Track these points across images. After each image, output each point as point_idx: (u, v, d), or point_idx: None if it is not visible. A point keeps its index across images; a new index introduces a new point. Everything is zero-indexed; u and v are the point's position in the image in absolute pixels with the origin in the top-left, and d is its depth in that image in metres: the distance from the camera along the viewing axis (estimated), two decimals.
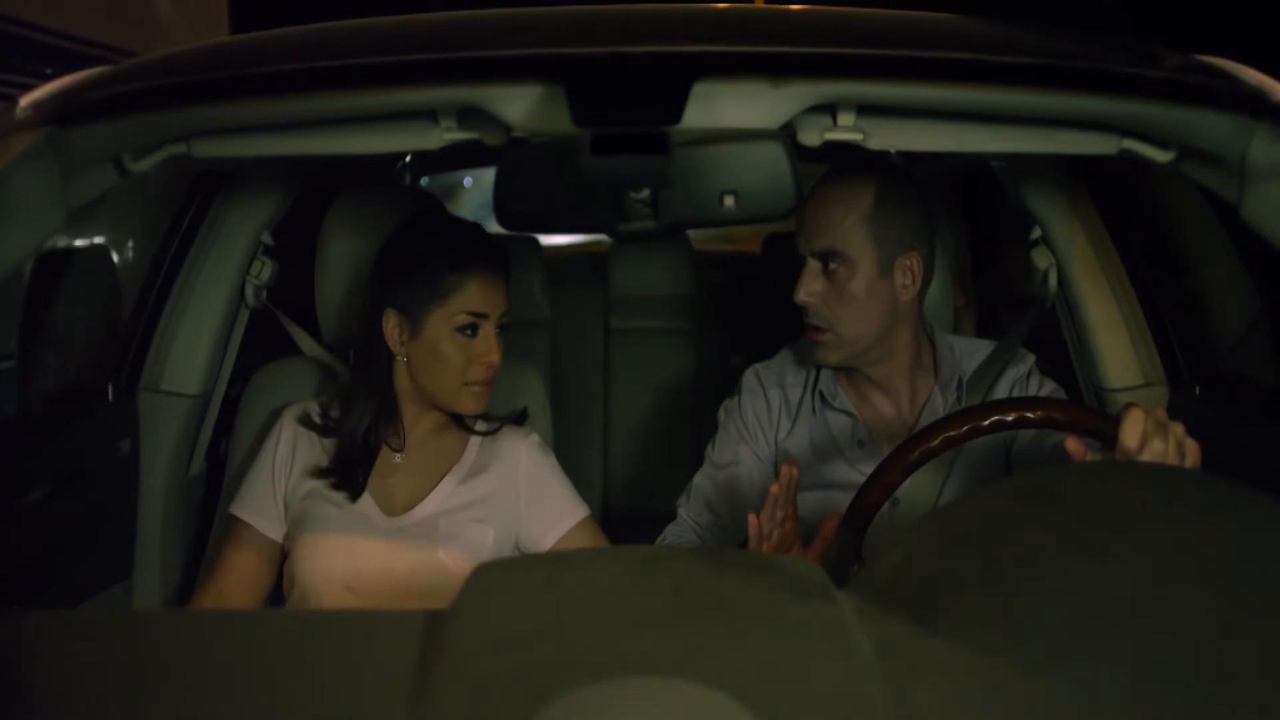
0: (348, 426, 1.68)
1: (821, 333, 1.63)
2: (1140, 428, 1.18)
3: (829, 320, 1.62)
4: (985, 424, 1.24)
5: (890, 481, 1.26)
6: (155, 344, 1.93)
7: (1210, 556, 0.81)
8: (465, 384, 1.64)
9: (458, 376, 1.64)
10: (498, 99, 1.13)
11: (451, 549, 1.62)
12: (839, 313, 1.62)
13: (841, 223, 1.60)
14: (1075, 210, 1.84)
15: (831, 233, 1.61)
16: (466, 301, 1.62)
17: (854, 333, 1.63)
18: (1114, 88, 1.18)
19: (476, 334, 1.64)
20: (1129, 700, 0.70)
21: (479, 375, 1.64)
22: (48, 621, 0.93)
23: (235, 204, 1.93)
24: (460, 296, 1.62)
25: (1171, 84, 1.20)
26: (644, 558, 0.97)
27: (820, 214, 1.62)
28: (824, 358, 1.66)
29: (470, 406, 1.67)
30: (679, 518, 1.75)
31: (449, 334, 1.63)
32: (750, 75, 1.13)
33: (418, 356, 1.65)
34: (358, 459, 1.67)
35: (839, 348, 1.64)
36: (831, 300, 1.62)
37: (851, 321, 1.62)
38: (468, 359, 1.63)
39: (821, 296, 1.62)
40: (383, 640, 0.85)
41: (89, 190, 1.26)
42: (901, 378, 1.70)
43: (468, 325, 1.63)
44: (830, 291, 1.62)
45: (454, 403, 1.66)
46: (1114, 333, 1.85)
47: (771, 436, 1.75)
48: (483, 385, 1.65)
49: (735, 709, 0.68)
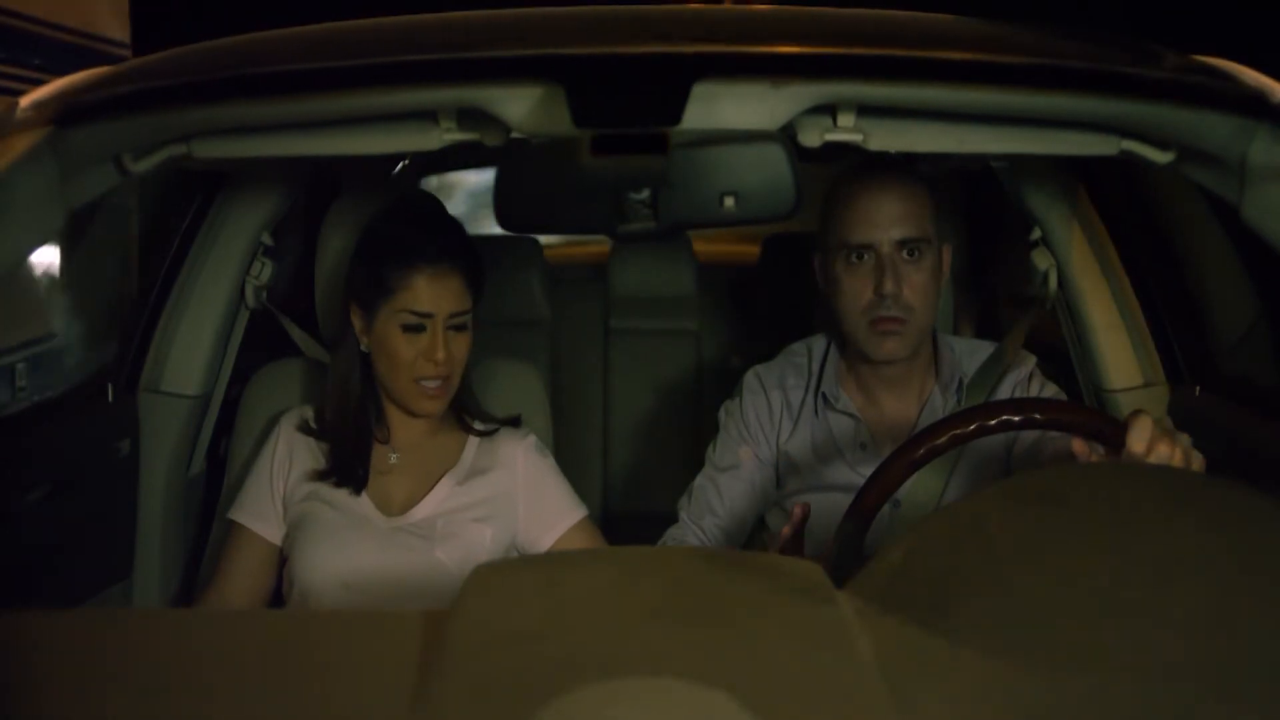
0: (336, 423, 1.68)
1: (901, 323, 1.62)
2: (1148, 434, 1.18)
3: (909, 309, 1.62)
4: (992, 423, 1.24)
5: (894, 479, 1.26)
6: (155, 344, 1.93)
7: (1211, 556, 0.81)
8: (416, 381, 1.62)
9: (407, 373, 1.62)
10: (498, 99, 1.13)
11: (449, 549, 1.62)
12: (919, 301, 1.63)
13: (920, 211, 1.63)
14: (1075, 211, 1.84)
15: (914, 221, 1.63)
16: (410, 300, 1.60)
17: (926, 320, 1.65)
18: (1114, 88, 1.18)
19: (423, 332, 1.61)
20: (1130, 700, 0.70)
21: (428, 372, 1.61)
22: (48, 621, 0.93)
23: (235, 204, 1.93)
24: (404, 294, 1.60)
25: (1171, 84, 1.20)
26: (644, 558, 0.97)
27: (896, 205, 1.63)
28: (896, 351, 1.64)
29: (425, 407, 1.64)
30: (680, 520, 1.75)
31: (396, 331, 1.61)
32: (750, 76, 1.13)
33: (374, 351, 1.65)
34: (352, 453, 1.67)
35: (913, 337, 1.64)
36: (915, 288, 1.62)
37: (927, 308, 1.64)
38: (416, 355, 1.61)
39: (909, 284, 1.62)
40: (383, 640, 0.85)
41: (89, 190, 1.26)
42: (914, 374, 1.70)
43: (412, 324, 1.60)
44: (912, 280, 1.62)
45: (409, 402, 1.64)
46: (1114, 333, 1.85)
47: (773, 438, 1.75)
48: (437, 384, 1.62)
49: (735, 709, 0.68)
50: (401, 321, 1.60)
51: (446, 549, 1.62)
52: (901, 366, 1.68)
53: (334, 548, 1.61)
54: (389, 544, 1.62)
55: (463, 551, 1.62)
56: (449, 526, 1.64)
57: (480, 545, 1.64)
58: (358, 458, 1.67)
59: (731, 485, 1.73)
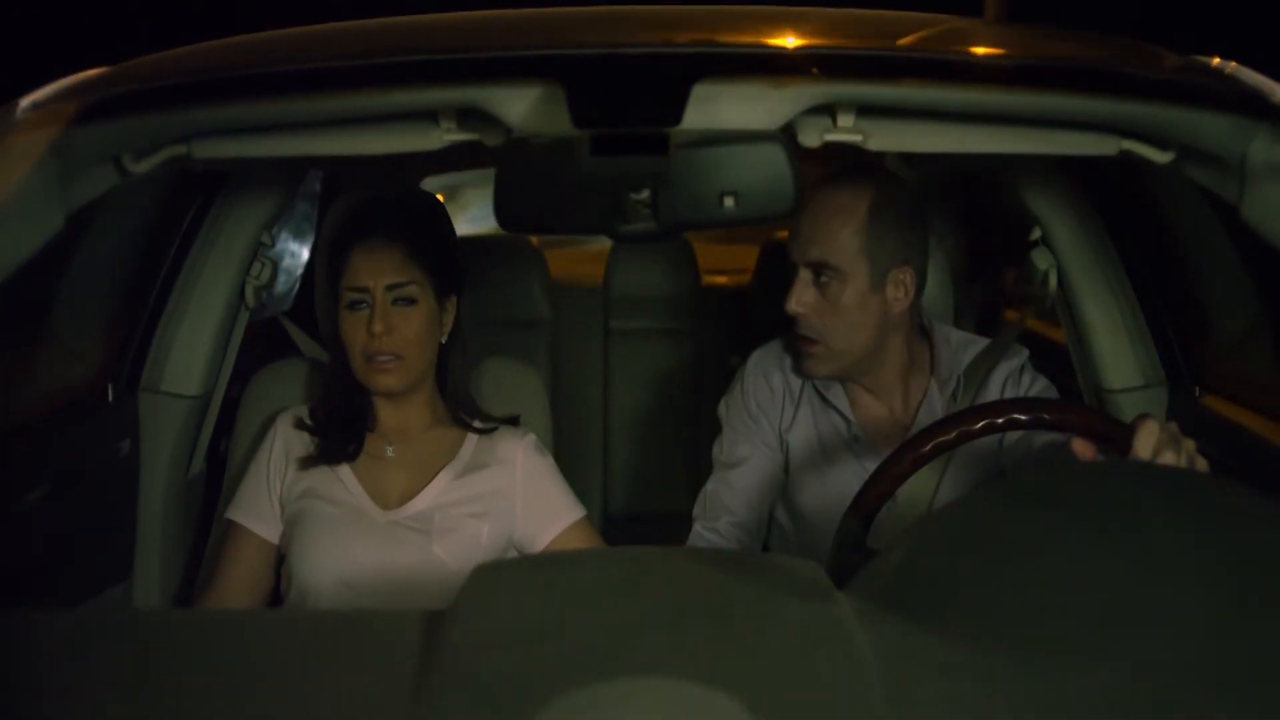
0: (328, 415, 1.71)
1: (812, 344, 1.62)
2: (1154, 439, 1.17)
3: (820, 332, 1.61)
4: (1000, 421, 1.24)
5: (900, 472, 1.26)
6: (155, 344, 1.93)
7: (1210, 556, 0.81)
8: (367, 359, 1.63)
9: (358, 353, 1.64)
10: (498, 99, 1.13)
11: (447, 544, 1.62)
12: (830, 325, 1.61)
13: (836, 235, 1.59)
14: (1075, 210, 1.84)
15: (825, 244, 1.59)
16: (349, 278, 1.63)
17: (845, 345, 1.62)
18: (1114, 88, 1.18)
19: (365, 309, 1.62)
20: (1129, 699, 0.70)
21: (374, 347, 1.62)
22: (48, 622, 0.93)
23: (235, 204, 1.93)
24: (346, 274, 1.63)
25: (1171, 85, 1.20)
26: (644, 558, 0.96)
27: (814, 224, 1.60)
28: (814, 370, 1.65)
29: (377, 382, 1.65)
30: (694, 531, 1.73)
31: (345, 314, 1.64)
32: (750, 76, 1.13)
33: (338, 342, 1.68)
34: (342, 432, 1.69)
35: (829, 360, 1.63)
36: (823, 312, 1.61)
37: (843, 334, 1.61)
38: (362, 333, 1.62)
39: (813, 308, 1.61)
40: (383, 640, 0.85)
41: (89, 191, 1.26)
42: (893, 382, 1.69)
43: (353, 301, 1.63)
44: (822, 303, 1.61)
45: (366, 380, 1.66)
46: (1114, 333, 1.85)
47: (776, 424, 1.74)
48: (387, 359, 1.62)
49: (735, 709, 0.68)
50: (347, 300, 1.63)
51: (444, 544, 1.62)
52: (873, 377, 1.68)
53: (331, 544, 1.61)
54: (386, 539, 1.62)
55: (460, 547, 1.62)
56: (446, 521, 1.64)
57: (477, 541, 1.64)
58: (349, 436, 1.69)
59: (744, 479, 1.73)
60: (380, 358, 1.62)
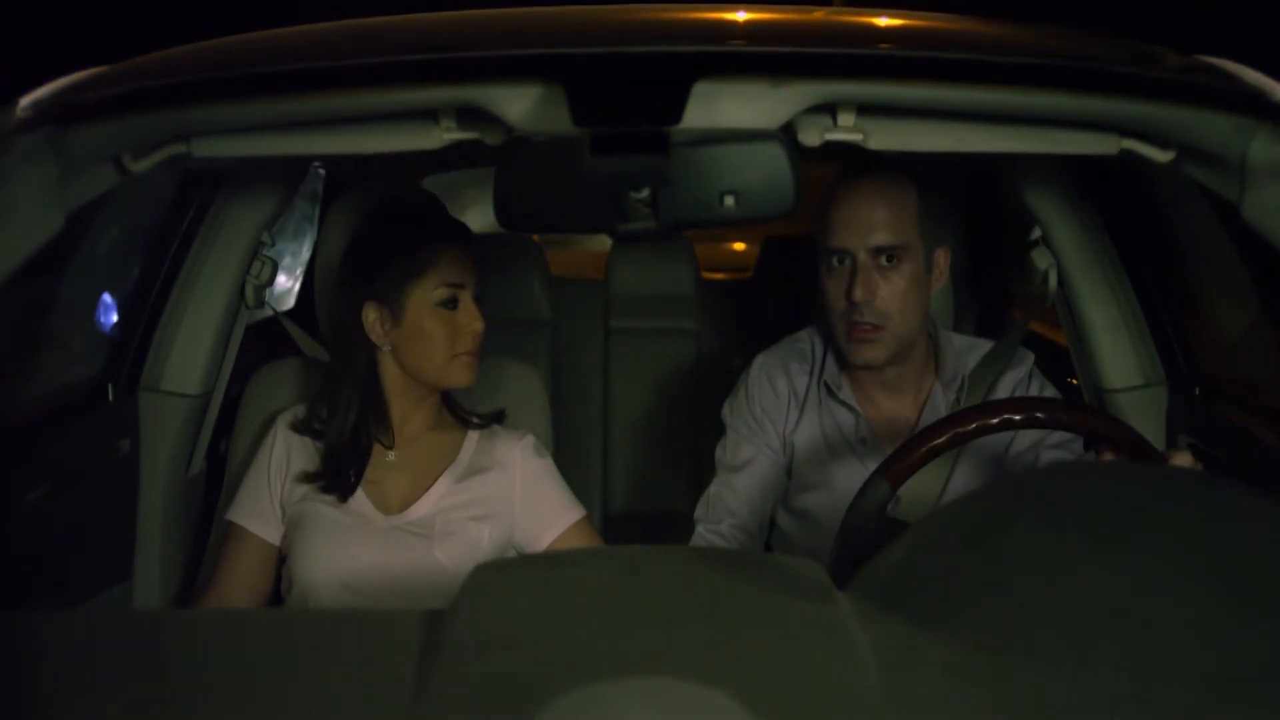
0: (335, 426, 1.67)
1: (876, 330, 1.62)
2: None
3: (884, 317, 1.62)
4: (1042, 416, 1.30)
5: (937, 446, 1.29)
6: (155, 344, 1.93)
7: (1210, 556, 0.81)
8: (454, 356, 1.66)
9: (446, 351, 1.65)
10: (498, 99, 1.13)
11: (448, 548, 1.62)
12: (895, 309, 1.62)
13: (898, 218, 1.61)
14: (1075, 210, 1.84)
15: (891, 228, 1.61)
16: (443, 274, 1.64)
17: (904, 329, 1.63)
18: (1114, 88, 1.18)
19: (457, 306, 1.65)
20: (1129, 699, 0.70)
21: (466, 346, 1.66)
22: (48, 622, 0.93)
23: (235, 204, 1.93)
24: (436, 271, 1.64)
25: (1171, 84, 1.19)
26: (643, 557, 0.97)
27: (876, 210, 1.62)
28: (872, 356, 1.64)
29: (462, 378, 1.68)
30: (697, 533, 1.73)
31: (430, 310, 1.64)
32: (750, 75, 1.13)
33: (403, 342, 1.65)
34: (348, 459, 1.66)
35: (889, 344, 1.63)
36: (889, 296, 1.61)
37: (904, 317, 1.63)
38: (453, 331, 1.65)
39: (878, 293, 1.61)
40: (383, 640, 0.85)
41: (89, 190, 1.26)
42: (910, 377, 1.70)
43: (448, 298, 1.65)
44: (887, 288, 1.61)
45: (445, 378, 1.67)
46: (1114, 333, 1.85)
47: (780, 427, 1.74)
48: (470, 355, 1.67)
49: (735, 709, 0.68)
50: (437, 299, 1.64)
51: (445, 548, 1.62)
52: (892, 370, 1.68)
53: (333, 547, 1.61)
54: (387, 543, 1.62)
55: (461, 551, 1.62)
56: (447, 525, 1.64)
57: (478, 545, 1.64)
58: (353, 462, 1.67)
59: (747, 482, 1.73)
60: (467, 355, 1.66)
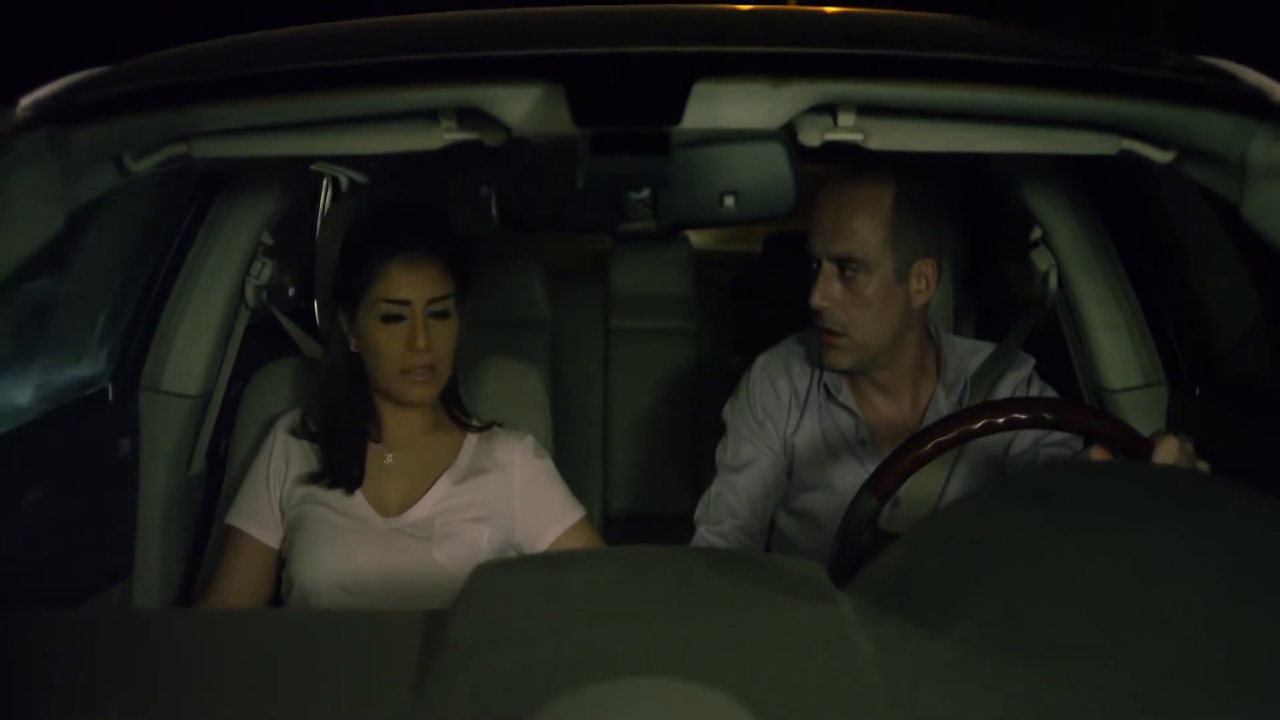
0: (329, 427, 1.68)
1: (836, 337, 1.62)
2: (1173, 457, 1.21)
3: (844, 325, 1.61)
4: (1023, 418, 1.29)
5: (923, 455, 1.28)
6: (155, 344, 1.93)
7: (1210, 556, 0.81)
8: (403, 373, 1.61)
9: (394, 366, 1.61)
10: (498, 99, 1.13)
11: (447, 550, 1.62)
12: (855, 318, 1.61)
13: (861, 229, 1.58)
14: (1075, 210, 1.84)
15: (850, 238, 1.59)
16: (386, 289, 1.59)
17: (868, 338, 1.62)
18: (1114, 88, 1.18)
19: (404, 322, 1.60)
20: (1130, 699, 0.70)
21: (412, 362, 1.60)
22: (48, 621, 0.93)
23: (235, 204, 1.93)
24: (381, 284, 1.59)
25: (1171, 84, 1.19)
26: (643, 558, 0.97)
27: (839, 218, 1.60)
28: (836, 362, 1.64)
29: (414, 395, 1.63)
30: (698, 534, 1.73)
31: (376, 323, 1.60)
32: (750, 75, 1.13)
33: (362, 349, 1.64)
34: (345, 454, 1.67)
35: (852, 352, 1.63)
36: (848, 305, 1.60)
37: (866, 327, 1.61)
38: (401, 347, 1.60)
39: (837, 301, 1.60)
40: (383, 640, 0.85)
41: (89, 190, 1.26)
42: (905, 381, 1.70)
43: (390, 314, 1.59)
44: (847, 296, 1.60)
45: (400, 394, 1.64)
46: (1114, 333, 1.85)
47: (781, 428, 1.74)
48: (423, 372, 1.61)
49: (735, 709, 0.68)
50: (381, 313, 1.59)
51: (444, 550, 1.62)
52: (888, 373, 1.68)
53: (332, 550, 1.61)
54: (387, 545, 1.62)
55: (461, 552, 1.62)
56: (446, 527, 1.64)
57: (477, 546, 1.64)
58: (352, 458, 1.67)
59: (749, 483, 1.73)
60: (418, 373, 1.61)
